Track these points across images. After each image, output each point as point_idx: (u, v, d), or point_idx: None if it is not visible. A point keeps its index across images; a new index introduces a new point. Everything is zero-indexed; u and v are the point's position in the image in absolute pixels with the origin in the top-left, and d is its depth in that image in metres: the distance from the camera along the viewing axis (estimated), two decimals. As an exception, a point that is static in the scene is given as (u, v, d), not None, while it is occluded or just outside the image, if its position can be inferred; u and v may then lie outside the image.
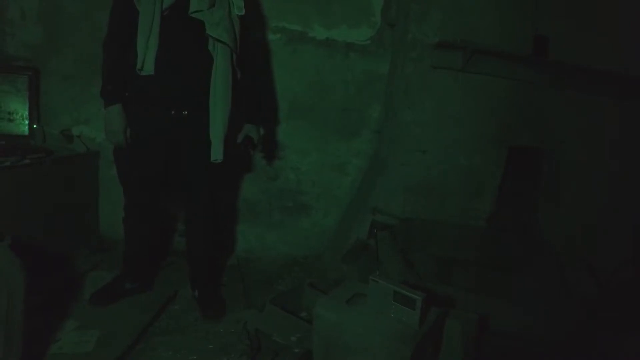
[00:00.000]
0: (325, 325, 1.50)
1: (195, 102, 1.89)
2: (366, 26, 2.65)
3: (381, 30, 2.67)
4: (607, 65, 2.40)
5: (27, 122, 2.51)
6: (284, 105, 2.69)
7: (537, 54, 2.45)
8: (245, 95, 2.04)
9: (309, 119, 2.71)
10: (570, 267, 2.41)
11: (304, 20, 2.58)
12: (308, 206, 2.83)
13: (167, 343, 1.86)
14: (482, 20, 2.45)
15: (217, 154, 1.92)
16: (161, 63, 1.81)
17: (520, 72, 2.46)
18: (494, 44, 2.42)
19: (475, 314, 1.80)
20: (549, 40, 2.46)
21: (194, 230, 2.13)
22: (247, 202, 2.78)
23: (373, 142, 2.77)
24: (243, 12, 1.89)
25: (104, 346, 1.80)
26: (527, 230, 2.67)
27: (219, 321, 2.04)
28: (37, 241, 2.07)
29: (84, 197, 2.56)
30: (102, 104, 1.89)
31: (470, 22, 2.45)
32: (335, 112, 2.72)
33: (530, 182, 2.71)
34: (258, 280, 2.51)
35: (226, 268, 2.61)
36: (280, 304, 2.04)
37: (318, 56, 2.63)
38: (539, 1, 2.44)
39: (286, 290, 2.31)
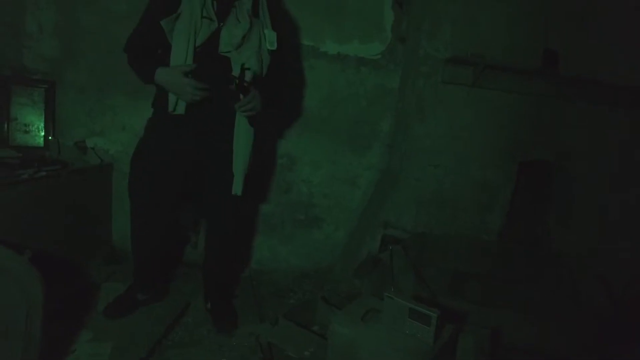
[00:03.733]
0: (341, 341, 1.51)
1: (221, 134, 1.90)
2: (377, 41, 2.68)
3: (392, 45, 2.69)
4: (617, 77, 2.42)
5: (42, 133, 2.55)
6: (297, 120, 2.71)
7: (546, 68, 2.47)
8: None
9: (321, 132, 2.73)
10: (583, 281, 2.41)
11: (316, 36, 2.61)
12: (320, 219, 2.84)
13: (180, 355, 1.87)
14: (493, 35, 2.47)
15: (237, 188, 1.93)
16: (192, 104, 1.83)
17: (531, 86, 2.47)
18: (504, 58, 2.44)
19: (488, 328, 1.80)
20: (558, 53, 2.48)
21: (213, 246, 2.14)
22: (260, 214, 2.80)
23: (384, 155, 2.78)
24: (275, 47, 1.88)
25: (117, 359, 1.81)
26: (539, 243, 2.67)
27: (232, 334, 2.05)
28: (52, 252, 2.09)
29: (97, 209, 2.58)
30: (146, 82, 1.91)
31: (481, 37, 2.47)
32: (347, 125, 2.74)
33: (542, 195, 2.71)
34: (270, 292, 2.51)
35: (239, 280, 2.62)
36: (293, 317, 2.04)
37: (330, 71, 2.66)
38: (548, 15, 2.46)
39: (298, 304, 2.31)
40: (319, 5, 2.58)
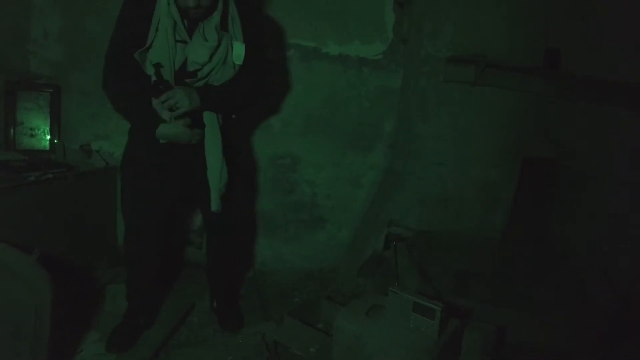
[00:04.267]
0: (346, 336, 1.52)
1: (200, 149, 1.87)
2: (378, 41, 2.70)
3: (393, 45, 2.71)
4: (619, 75, 2.42)
5: (48, 137, 2.58)
6: (300, 120, 2.73)
7: (548, 66, 2.48)
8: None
9: (323, 133, 2.75)
10: (587, 279, 2.40)
11: (318, 37, 2.63)
12: (323, 219, 2.86)
13: (186, 355, 1.89)
14: (494, 34, 2.49)
15: (215, 205, 1.87)
16: None
17: (533, 85, 2.48)
18: (505, 57, 2.45)
19: (494, 324, 1.80)
20: (560, 52, 2.49)
21: (214, 247, 2.14)
22: (263, 215, 2.81)
23: (387, 155, 2.80)
24: (241, 62, 1.80)
25: (124, 359, 1.83)
26: (543, 241, 2.67)
27: (238, 333, 2.06)
28: (58, 254, 2.10)
29: (102, 211, 2.60)
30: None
31: (482, 36, 2.49)
32: (350, 126, 2.76)
33: (545, 193, 2.71)
34: (274, 292, 2.53)
35: (244, 281, 2.64)
36: (298, 316, 2.05)
37: (332, 72, 2.67)
38: (550, 14, 2.48)
39: (303, 303, 2.32)
40: (321, 6, 2.61)
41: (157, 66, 1.72)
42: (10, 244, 1.55)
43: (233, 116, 1.95)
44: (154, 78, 1.74)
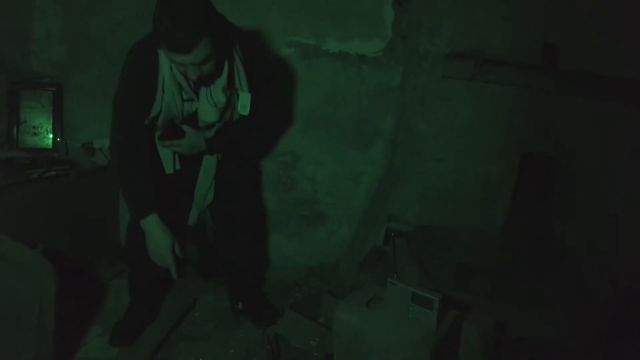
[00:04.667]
0: (346, 328, 1.54)
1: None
2: (378, 39, 2.71)
3: (392, 43, 2.72)
4: (619, 71, 2.43)
5: (51, 135, 2.61)
6: (300, 118, 2.74)
7: (547, 62, 2.49)
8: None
9: (324, 130, 2.77)
10: (588, 275, 2.41)
11: (318, 34, 2.65)
12: (324, 216, 2.87)
13: (189, 349, 1.91)
14: (493, 30, 2.50)
15: (192, 219, 1.97)
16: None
17: (531, 81, 2.49)
18: (504, 53, 2.46)
19: (493, 317, 1.82)
20: (559, 47, 2.51)
21: (232, 249, 2.14)
22: (265, 212, 2.83)
23: (387, 152, 2.81)
24: (247, 112, 1.79)
25: (127, 352, 1.85)
26: (543, 237, 2.68)
27: (273, 323, 2.09)
28: (61, 251, 2.12)
29: (105, 208, 2.62)
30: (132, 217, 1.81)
31: (481, 33, 2.50)
32: (350, 123, 2.77)
33: (545, 189, 2.73)
34: (276, 288, 2.54)
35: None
36: (299, 309, 2.07)
37: (332, 69, 2.69)
38: (549, 10, 2.49)
39: (304, 298, 2.35)
40: (320, 4, 2.62)
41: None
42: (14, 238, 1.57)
43: None
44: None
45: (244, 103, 1.77)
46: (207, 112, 1.75)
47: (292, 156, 2.79)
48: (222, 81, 1.69)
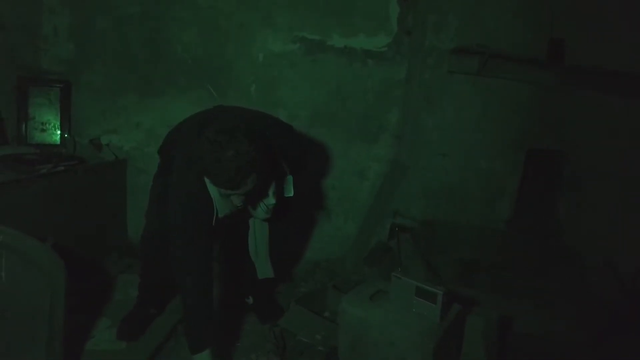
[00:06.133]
0: (351, 321, 1.55)
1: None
2: (383, 34, 2.71)
3: (398, 38, 2.72)
4: (625, 65, 2.42)
5: (59, 131, 2.64)
6: (306, 114, 2.75)
7: (553, 57, 2.49)
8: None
9: (329, 125, 2.78)
10: (593, 270, 2.41)
11: (323, 30, 2.66)
12: (329, 210, 2.88)
13: (196, 341, 1.92)
14: (498, 25, 2.50)
15: (266, 273, 1.95)
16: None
17: (537, 76, 2.49)
18: (510, 48, 2.46)
19: (497, 312, 1.83)
20: (564, 42, 2.50)
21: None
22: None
23: (392, 147, 2.81)
24: (292, 194, 1.81)
25: (135, 345, 1.87)
26: (548, 232, 2.68)
27: (275, 324, 2.09)
28: (70, 245, 2.15)
29: (112, 203, 2.65)
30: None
31: (486, 28, 2.50)
32: (355, 118, 2.78)
33: (550, 184, 2.72)
34: (282, 282, 2.56)
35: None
36: (305, 304, 2.09)
37: (337, 64, 2.70)
38: (554, 4, 2.48)
39: (309, 292, 2.36)
40: (326, -1, 2.63)
41: None
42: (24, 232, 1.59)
43: None
44: None
45: (288, 188, 1.81)
46: (261, 213, 1.78)
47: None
48: (272, 189, 1.72)
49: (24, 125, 2.55)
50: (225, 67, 2.69)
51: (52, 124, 2.63)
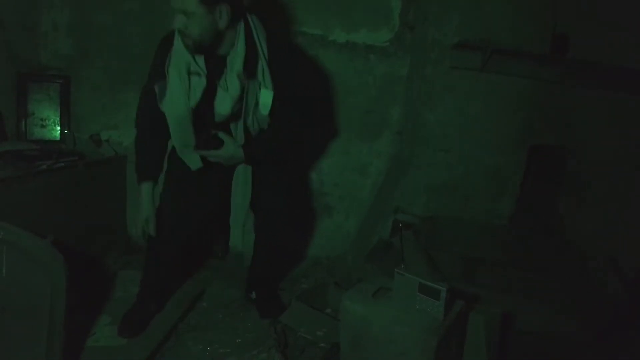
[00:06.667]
0: (353, 317, 1.54)
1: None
2: (385, 29, 2.69)
3: (400, 33, 2.70)
4: (630, 61, 2.40)
5: (58, 127, 2.63)
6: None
7: (556, 53, 2.47)
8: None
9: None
10: (596, 267, 2.40)
11: (324, 25, 2.64)
12: (330, 207, 2.87)
13: (197, 338, 1.92)
14: (501, 20, 2.48)
15: (236, 240, 1.98)
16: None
17: (540, 71, 2.47)
18: (513, 43, 2.44)
19: (500, 309, 1.82)
20: (568, 38, 2.48)
21: (262, 241, 2.13)
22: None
23: (394, 143, 2.80)
24: (267, 112, 1.75)
25: (136, 341, 1.86)
26: (550, 229, 2.67)
27: (276, 320, 2.07)
28: (70, 241, 2.14)
29: (112, 200, 2.64)
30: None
31: (489, 23, 2.48)
32: (357, 114, 2.76)
33: (553, 180, 2.71)
34: (283, 279, 2.56)
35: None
36: (306, 300, 2.08)
37: (339, 60, 2.68)
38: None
39: (311, 288, 2.35)
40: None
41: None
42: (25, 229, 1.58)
43: None
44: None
45: (265, 101, 1.71)
46: (221, 101, 1.72)
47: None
48: (237, 66, 1.66)
49: (23, 122, 2.54)
50: (225, 64, 2.66)
51: (52, 120, 2.62)
